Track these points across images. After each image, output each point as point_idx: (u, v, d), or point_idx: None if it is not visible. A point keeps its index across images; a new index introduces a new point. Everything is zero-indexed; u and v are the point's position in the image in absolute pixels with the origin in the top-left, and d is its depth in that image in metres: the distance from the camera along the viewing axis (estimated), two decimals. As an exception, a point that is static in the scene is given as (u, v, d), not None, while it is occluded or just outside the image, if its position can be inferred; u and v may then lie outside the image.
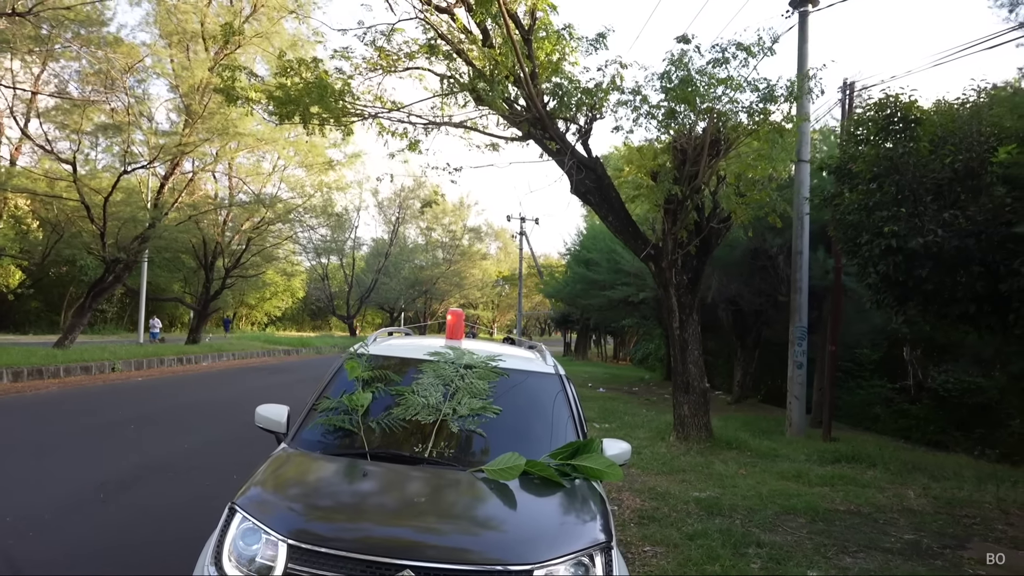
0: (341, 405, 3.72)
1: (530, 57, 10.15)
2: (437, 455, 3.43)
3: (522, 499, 3.06)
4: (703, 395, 11.16)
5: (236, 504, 2.85)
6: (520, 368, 4.23)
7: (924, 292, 7.63)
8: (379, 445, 3.50)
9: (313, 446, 3.58)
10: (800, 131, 12.43)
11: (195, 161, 20.76)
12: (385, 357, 4.25)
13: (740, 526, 6.54)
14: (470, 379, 3.87)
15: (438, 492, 3.12)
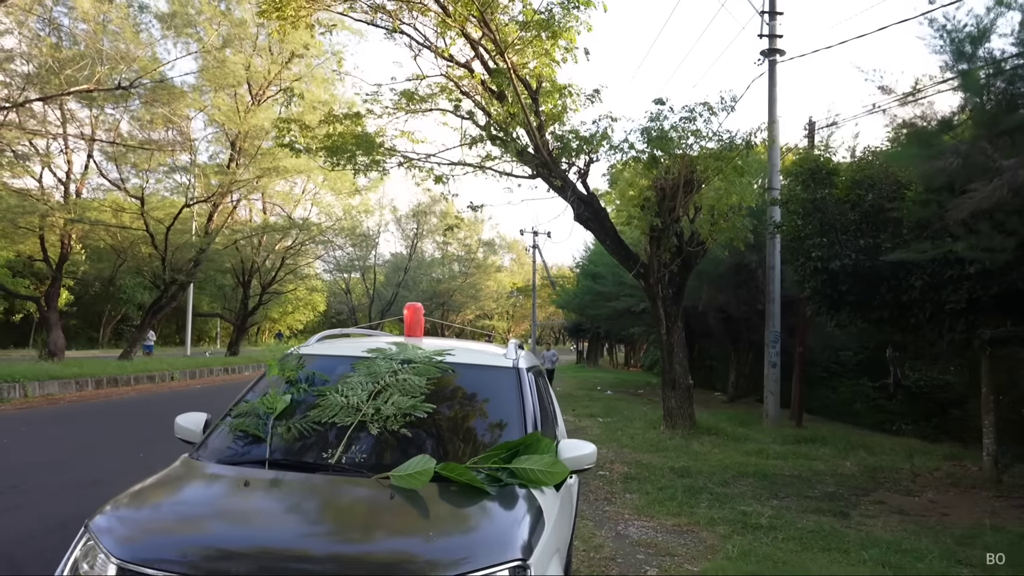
0: (255, 409, 3.32)
1: (537, 113, 12.33)
2: (347, 461, 2.97)
3: (427, 509, 2.65)
4: (687, 390, 13.23)
5: (89, 521, 2.55)
6: (467, 362, 3.74)
7: (848, 302, 9.74)
8: (287, 451, 3.10)
9: (216, 455, 3.18)
10: (771, 163, 14.56)
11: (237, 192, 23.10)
12: (318, 356, 3.85)
13: (700, 483, 8.64)
14: (404, 376, 3.38)
15: (323, 504, 2.74)
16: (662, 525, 6.72)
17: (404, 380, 3.35)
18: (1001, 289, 8.26)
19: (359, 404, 3.21)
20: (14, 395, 14.42)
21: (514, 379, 3.67)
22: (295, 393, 3.42)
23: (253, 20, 20.72)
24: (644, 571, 5.35)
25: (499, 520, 2.62)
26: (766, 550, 5.85)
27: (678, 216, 12.03)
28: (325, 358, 3.83)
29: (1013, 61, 7.24)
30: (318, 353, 3.91)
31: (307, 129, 14.00)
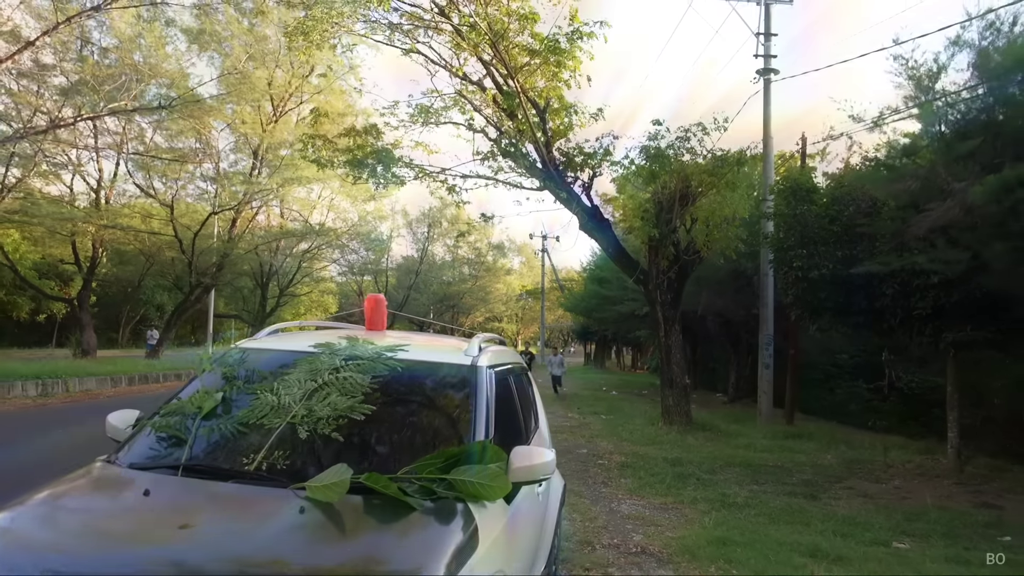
0: (183, 408, 3.05)
1: (544, 131, 13.30)
2: (267, 468, 2.67)
3: (339, 526, 2.40)
4: (684, 389, 14.17)
5: None
6: (420, 359, 3.37)
7: (827, 308, 10.67)
8: (206, 456, 2.84)
9: (132, 458, 2.90)
10: (765, 177, 15.49)
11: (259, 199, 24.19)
12: (261, 351, 3.53)
13: (689, 471, 9.58)
14: (346, 373, 3.07)
15: (219, 519, 2.46)
16: (651, 503, 7.67)
17: (345, 378, 3.01)
18: (961, 297, 9.15)
19: (291, 404, 2.88)
20: (57, 390, 15.51)
21: (470, 379, 3.26)
22: (228, 391, 3.09)
23: (276, 36, 21.81)
24: (631, 537, 6.30)
25: (417, 540, 2.33)
26: (738, 522, 6.80)
27: (675, 227, 12.98)
28: (267, 353, 3.49)
29: (964, 95, 8.17)
30: (261, 347, 3.58)
31: (330, 143, 15.03)
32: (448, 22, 12.91)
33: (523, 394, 4.28)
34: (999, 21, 7.95)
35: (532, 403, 4.64)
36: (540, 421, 4.75)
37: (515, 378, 4.13)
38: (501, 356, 3.92)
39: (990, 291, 8.66)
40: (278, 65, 21.55)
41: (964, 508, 7.88)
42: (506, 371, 3.87)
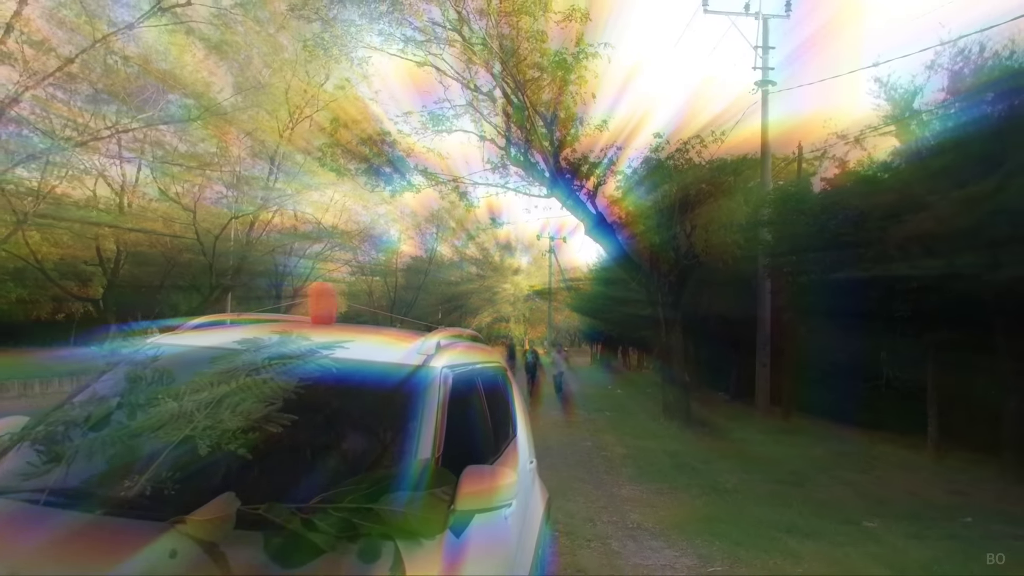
0: (69, 416, 2.41)
1: (552, 141, 14.07)
2: (150, 494, 2.10)
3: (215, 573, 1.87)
4: (684, 387, 14.91)
5: None
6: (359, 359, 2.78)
7: (816, 310, 11.39)
8: (82, 478, 2.25)
9: (3, 478, 2.32)
10: (763, 184, 16.19)
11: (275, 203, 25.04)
12: (176, 347, 2.97)
13: (685, 461, 10.33)
14: (268, 375, 2.45)
15: (67, 564, 1.95)
16: (648, 489, 8.42)
17: (265, 381, 2.39)
18: (939, 301, 9.88)
19: (194, 413, 2.24)
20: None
21: (419, 382, 2.69)
22: (129, 397, 2.46)
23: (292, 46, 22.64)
24: (628, 516, 7.05)
25: None
26: (725, 504, 7.56)
27: (675, 233, 13.72)
28: (183, 350, 2.91)
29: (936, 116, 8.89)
30: (178, 343, 3.01)
31: (348, 153, 15.85)
32: (460, 36, 13.69)
33: (496, 401, 3.65)
34: (967, 49, 8.67)
35: (509, 411, 3.99)
36: (519, 431, 3.98)
37: (486, 381, 3.50)
38: (467, 355, 3.35)
39: (963, 296, 9.39)
40: (294, 74, 22.36)
41: (935, 495, 8.61)
42: (472, 373, 3.25)
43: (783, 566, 5.43)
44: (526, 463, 3.87)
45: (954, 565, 5.53)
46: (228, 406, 2.29)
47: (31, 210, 16.89)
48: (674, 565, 5.47)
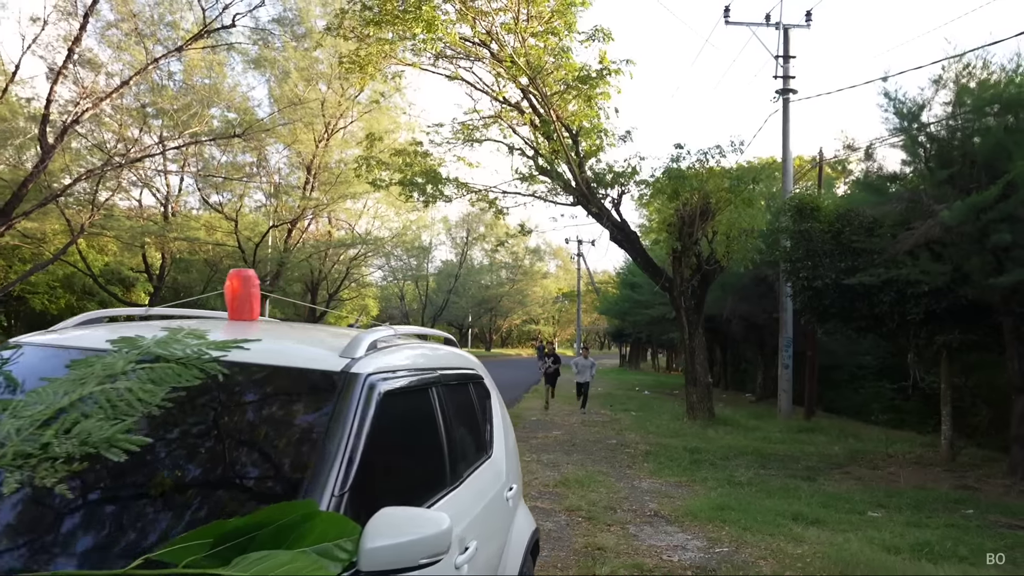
0: None
1: (577, 152, 14.66)
2: None
3: None
4: (707, 387, 15.39)
5: None
6: (261, 362, 2.15)
7: (832, 314, 11.85)
8: None
9: None
10: (784, 190, 16.64)
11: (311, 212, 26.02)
12: (40, 347, 2.36)
13: (704, 457, 10.86)
14: (126, 384, 1.80)
15: None
16: (667, 482, 8.99)
17: (122, 391, 1.76)
18: (949, 304, 10.27)
19: (10, 435, 1.59)
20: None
21: (326, 395, 2.07)
22: None
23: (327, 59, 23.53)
24: (647, 505, 7.64)
25: None
26: (738, 495, 8.09)
27: (696, 239, 14.24)
28: (45, 351, 2.34)
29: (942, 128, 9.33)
30: (43, 343, 2.40)
31: (382, 164, 16.60)
32: (488, 51, 14.34)
33: (461, 416, 2.95)
34: (972, 64, 9.11)
35: (482, 428, 3.26)
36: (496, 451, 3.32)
37: (445, 392, 2.76)
38: (414, 359, 2.66)
39: (972, 299, 9.80)
40: (329, 87, 23.26)
41: (942, 490, 9.04)
42: (420, 382, 2.55)
43: (784, 547, 5.97)
44: (502, 491, 3.16)
45: (943, 547, 6.02)
46: (63, 425, 1.63)
47: (86, 222, 17.92)
48: (685, 546, 6.05)
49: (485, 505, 2.83)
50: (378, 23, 13.91)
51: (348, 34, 15.78)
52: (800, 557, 5.67)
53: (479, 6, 13.88)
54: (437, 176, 15.36)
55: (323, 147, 23.60)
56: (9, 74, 15.28)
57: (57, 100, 15.50)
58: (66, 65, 14.48)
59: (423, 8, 12.44)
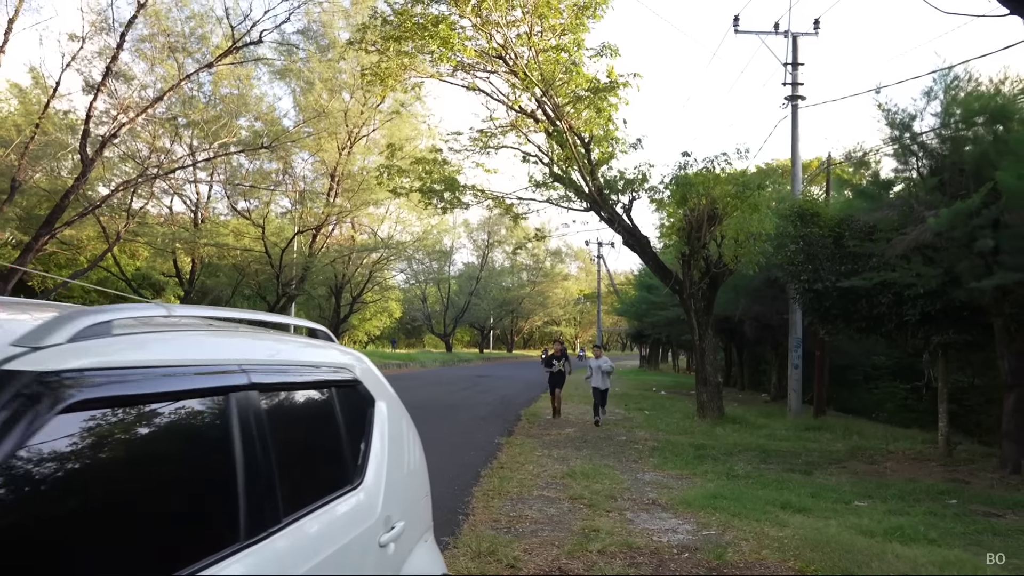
0: None
1: (589, 160, 15.23)
2: None
3: None
4: (717, 387, 15.88)
5: None
6: None
7: (833, 315, 12.31)
8: None
9: None
10: (793, 194, 17.07)
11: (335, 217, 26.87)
12: None
13: (708, 453, 11.36)
14: None
15: None
16: (669, 474, 9.54)
17: None
18: (944, 305, 10.71)
19: None
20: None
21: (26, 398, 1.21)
22: None
23: (350, 69, 24.33)
24: (646, 494, 8.19)
25: None
26: (733, 487, 8.62)
27: (705, 243, 14.74)
28: None
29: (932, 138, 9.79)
30: None
31: (402, 172, 17.31)
32: (504, 63, 14.96)
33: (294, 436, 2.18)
34: (960, 77, 9.56)
35: (340, 452, 2.39)
36: (370, 480, 2.46)
37: (254, 403, 1.84)
38: (194, 351, 1.80)
39: (964, 300, 10.23)
40: (352, 95, 24.06)
41: (933, 483, 9.48)
42: (196, 390, 1.69)
43: (767, 531, 6.50)
44: (372, 533, 2.33)
45: (915, 531, 6.52)
46: None
47: (122, 229, 18.84)
48: (675, 529, 6.61)
49: (327, 558, 1.99)
50: (398, 39, 14.59)
51: (369, 47, 16.50)
52: (779, 539, 6.20)
53: (494, 19, 14.54)
54: (455, 183, 16.02)
55: (346, 155, 24.43)
56: (49, 90, 16.21)
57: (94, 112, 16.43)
58: (104, 81, 15.32)
59: (440, 27, 13.06)
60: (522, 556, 5.37)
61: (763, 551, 5.79)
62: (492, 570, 5.00)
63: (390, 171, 17.01)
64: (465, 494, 7.73)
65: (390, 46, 14.87)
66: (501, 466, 9.52)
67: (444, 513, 6.81)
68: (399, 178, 17.61)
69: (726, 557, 5.56)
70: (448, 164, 17.10)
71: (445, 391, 23.04)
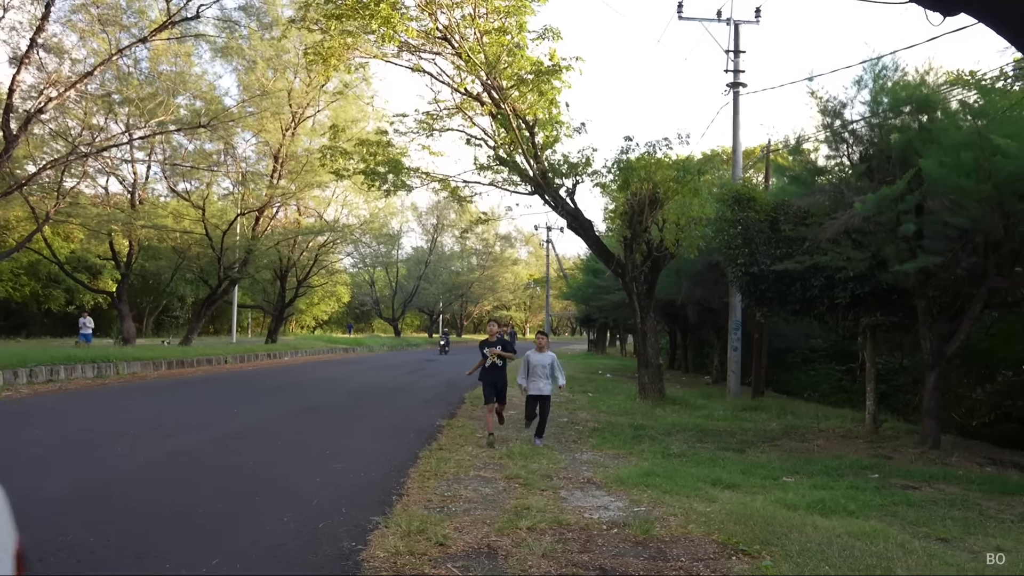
0: None
1: (533, 144, 15.26)
2: None
3: None
4: (658, 368, 16.16)
5: None
6: None
7: (768, 298, 12.62)
8: None
9: None
10: (734, 179, 17.39)
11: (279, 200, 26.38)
12: None
13: (647, 433, 11.57)
14: None
15: None
16: (606, 454, 9.69)
17: None
18: (872, 288, 11.08)
19: None
20: (110, 373, 17.69)
21: None
22: None
23: (295, 48, 23.82)
24: (582, 473, 8.31)
25: None
26: (668, 465, 8.80)
27: (646, 227, 14.93)
28: None
29: (861, 125, 10.08)
30: None
31: (346, 154, 17.07)
32: (449, 45, 14.87)
33: None
34: (888, 67, 9.85)
35: None
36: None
37: None
38: None
39: (890, 283, 10.60)
40: (296, 75, 23.58)
41: (858, 459, 9.84)
42: None
43: (696, 506, 6.67)
44: None
45: (836, 503, 6.77)
46: None
47: (51, 209, 18.17)
48: (607, 506, 6.73)
49: None
50: (339, 17, 14.35)
51: (312, 26, 16.19)
52: (706, 514, 6.36)
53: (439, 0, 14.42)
54: (400, 166, 15.88)
55: (290, 136, 23.95)
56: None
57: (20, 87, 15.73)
58: (30, 53, 14.69)
59: (382, 6, 12.88)
60: (452, 534, 5.41)
61: (689, 526, 5.93)
62: (421, 548, 5.02)
63: (333, 152, 16.76)
64: (401, 475, 7.73)
65: (332, 24, 14.62)
66: (440, 448, 9.54)
67: (378, 494, 6.82)
68: (343, 160, 17.37)
69: (653, 532, 5.68)
70: (393, 147, 16.94)
71: (391, 375, 22.94)
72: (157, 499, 6.40)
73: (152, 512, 5.94)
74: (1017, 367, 16.10)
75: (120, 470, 7.61)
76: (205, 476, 7.50)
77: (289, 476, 7.61)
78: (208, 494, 6.65)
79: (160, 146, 24.28)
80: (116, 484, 6.95)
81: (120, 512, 5.95)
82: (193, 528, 5.50)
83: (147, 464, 7.96)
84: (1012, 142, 8.05)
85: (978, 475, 8.82)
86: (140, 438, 9.51)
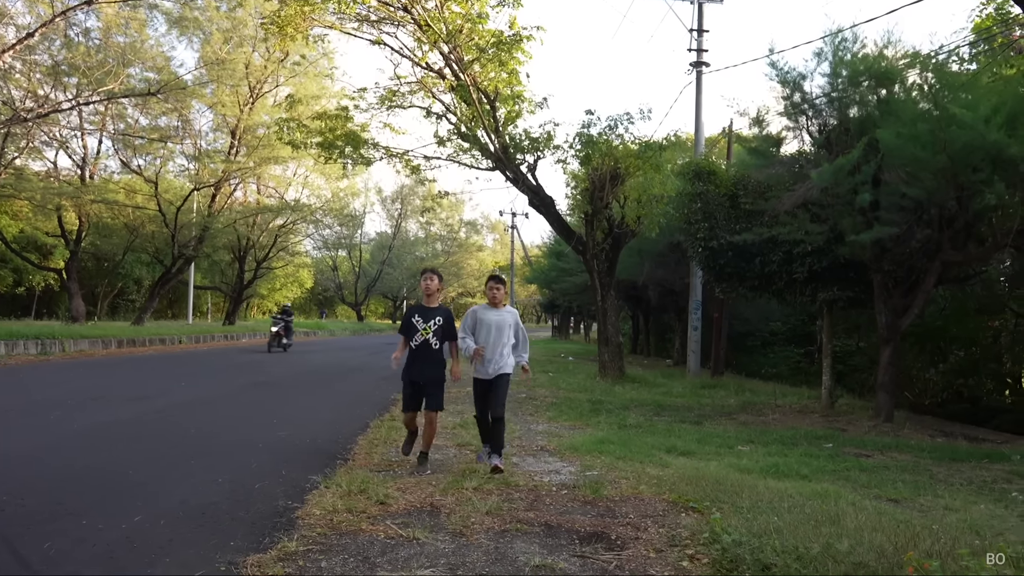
0: None
1: (494, 119, 15.01)
2: None
3: None
4: (618, 346, 16.10)
5: None
6: None
7: (727, 273, 12.58)
8: None
9: None
10: (696, 156, 17.34)
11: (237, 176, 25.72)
12: None
13: (604, 407, 11.48)
14: None
15: None
16: (562, 425, 9.56)
17: None
18: (829, 263, 11.09)
19: None
20: (55, 350, 17.09)
21: None
22: None
23: (253, 22, 23.20)
24: (536, 442, 8.16)
25: None
26: (623, 434, 8.70)
27: (607, 203, 14.81)
28: None
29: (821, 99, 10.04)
30: None
31: (303, 127, 16.64)
32: (410, 16, 14.52)
33: None
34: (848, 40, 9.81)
35: None
36: None
37: None
38: None
39: (848, 258, 10.62)
40: (255, 49, 22.97)
41: (813, 430, 9.85)
42: None
43: (649, 471, 6.55)
44: None
45: (788, 468, 6.72)
46: None
47: (-7, 181, 17.46)
48: (559, 471, 6.58)
49: None
50: (295, -18, 13.92)
51: (268, -6, 15.71)
52: (659, 477, 6.25)
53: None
54: (359, 139, 15.51)
55: (248, 110, 23.34)
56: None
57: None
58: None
59: (338, -31, 12.50)
60: (394, 494, 5.21)
61: (640, 487, 5.81)
62: (360, 506, 4.81)
63: (289, 124, 16.32)
64: (349, 443, 7.51)
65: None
66: (393, 418, 9.32)
67: (322, 458, 6.60)
68: (300, 133, 16.93)
69: (602, 492, 5.55)
70: (352, 121, 16.54)
71: (351, 355, 22.62)
72: (86, 463, 6.08)
73: (79, 475, 5.64)
74: (969, 346, 16.39)
75: (52, 437, 7.25)
76: (142, 443, 7.19)
77: (231, 443, 7.34)
78: (142, 460, 6.35)
79: (112, 119, 23.52)
80: (46, 450, 6.61)
81: (44, 474, 5.64)
82: (121, 489, 5.21)
83: (82, 431, 7.61)
84: (968, 112, 8.05)
85: (929, 444, 8.88)
86: (78, 408, 9.14)
